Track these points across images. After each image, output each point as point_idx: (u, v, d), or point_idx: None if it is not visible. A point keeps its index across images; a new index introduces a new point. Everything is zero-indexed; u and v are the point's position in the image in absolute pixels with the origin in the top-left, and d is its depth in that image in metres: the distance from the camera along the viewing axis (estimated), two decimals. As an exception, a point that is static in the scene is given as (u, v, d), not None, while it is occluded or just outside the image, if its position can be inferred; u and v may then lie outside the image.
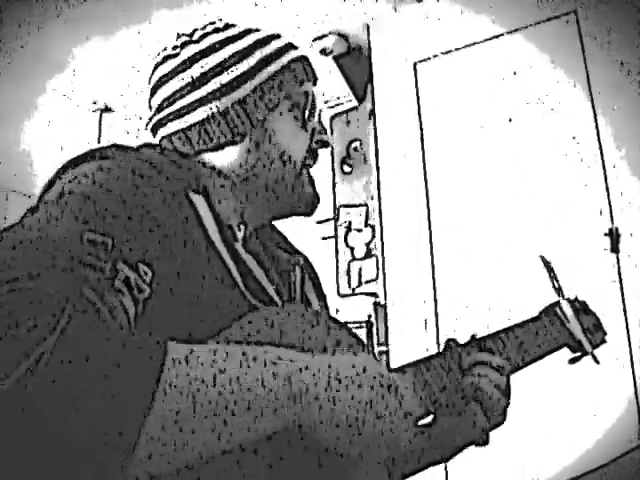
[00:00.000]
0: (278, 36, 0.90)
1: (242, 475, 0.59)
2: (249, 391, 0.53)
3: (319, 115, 0.92)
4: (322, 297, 0.94)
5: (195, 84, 0.84)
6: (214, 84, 0.83)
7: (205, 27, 0.88)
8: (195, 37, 0.87)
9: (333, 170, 3.24)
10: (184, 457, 0.51)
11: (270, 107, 0.85)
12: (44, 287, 0.50)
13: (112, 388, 0.46)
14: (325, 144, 0.90)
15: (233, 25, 0.89)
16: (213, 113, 0.83)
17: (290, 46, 0.90)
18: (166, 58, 0.87)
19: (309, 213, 0.90)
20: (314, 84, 0.93)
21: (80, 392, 0.45)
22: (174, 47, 0.87)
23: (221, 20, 0.90)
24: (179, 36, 0.88)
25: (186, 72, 0.84)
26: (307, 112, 0.88)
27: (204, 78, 0.83)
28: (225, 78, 0.83)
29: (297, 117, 0.88)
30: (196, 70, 0.84)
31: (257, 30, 0.90)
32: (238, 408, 0.52)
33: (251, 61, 0.84)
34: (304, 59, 0.91)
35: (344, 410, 0.58)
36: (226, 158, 0.85)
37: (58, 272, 0.52)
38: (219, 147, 0.85)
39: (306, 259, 0.96)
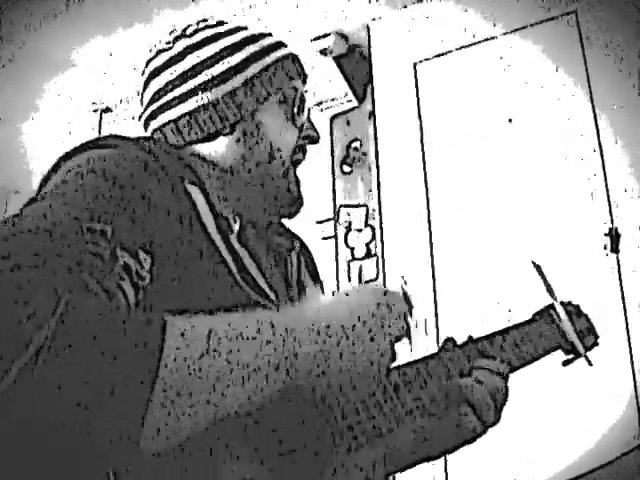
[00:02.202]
0: (268, 34, 0.93)
1: (244, 438, 0.59)
2: (246, 358, 0.53)
3: (308, 112, 0.94)
4: (318, 281, 0.95)
5: (187, 76, 0.86)
6: (205, 76, 0.85)
7: (198, 24, 0.91)
8: (188, 32, 0.89)
9: (333, 170, 3.23)
10: (188, 428, 0.51)
11: (260, 100, 0.87)
12: (42, 276, 0.49)
13: (114, 370, 0.46)
14: (313, 140, 0.93)
15: (224, 22, 0.92)
16: (204, 104, 0.85)
17: (279, 44, 0.92)
18: (159, 52, 0.89)
19: (291, 215, 0.91)
20: (304, 82, 0.95)
21: (82, 378, 0.45)
22: (167, 42, 0.89)
23: (213, 18, 0.92)
24: (172, 32, 0.90)
25: (178, 64, 0.87)
26: (296, 107, 0.90)
27: (196, 70, 0.86)
28: (216, 70, 0.86)
29: (286, 112, 0.90)
30: (188, 62, 0.86)
31: (246, 28, 0.92)
32: (237, 376, 0.52)
33: (242, 54, 0.87)
34: (293, 57, 0.93)
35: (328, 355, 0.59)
36: (216, 148, 0.87)
37: (56, 260, 0.52)
38: (209, 137, 0.87)
39: (302, 243, 0.98)
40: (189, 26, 0.90)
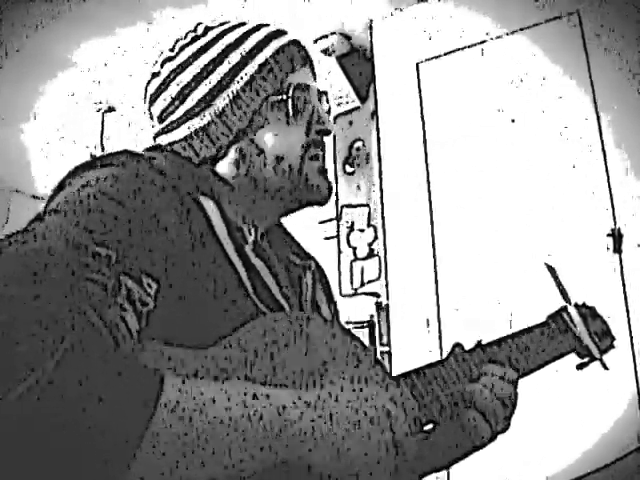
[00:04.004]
0: (259, 27, 0.87)
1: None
2: (236, 429, 0.53)
3: (319, 97, 0.88)
4: (332, 302, 0.93)
5: (177, 102, 0.84)
6: (192, 100, 0.83)
7: (186, 35, 0.87)
8: (174, 51, 0.86)
9: (335, 170, 3.23)
10: None
11: (250, 116, 0.83)
12: (45, 306, 0.48)
13: (106, 418, 0.45)
14: (326, 132, 0.87)
15: (212, 28, 0.87)
16: (195, 129, 0.83)
17: (271, 37, 0.86)
18: (153, 76, 0.88)
19: (321, 203, 0.87)
20: (310, 67, 0.89)
21: (74, 420, 0.44)
22: (161, 63, 0.87)
23: (201, 24, 0.88)
24: (161, 53, 0.88)
25: (166, 91, 0.85)
26: (292, 108, 0.84)
27: (182, 95, 0.84)
28: (200, 92, 0.83)
29: (285, 114, 0.84)
30: (173, 89, 0.84)
31: (239, 25, 0.87)
32: (225, 445, 0.52)
33: (222, 70, 0.83)
34: (290, 45, 0.87)
35: (336, 445, 0.58)
36: (219, 169, 0.85)
37: (60, 289, 0.51)
38: (206, 162, 0.84)
39: (317, 263, 0.94)
40: (177, 41, 0.87)
